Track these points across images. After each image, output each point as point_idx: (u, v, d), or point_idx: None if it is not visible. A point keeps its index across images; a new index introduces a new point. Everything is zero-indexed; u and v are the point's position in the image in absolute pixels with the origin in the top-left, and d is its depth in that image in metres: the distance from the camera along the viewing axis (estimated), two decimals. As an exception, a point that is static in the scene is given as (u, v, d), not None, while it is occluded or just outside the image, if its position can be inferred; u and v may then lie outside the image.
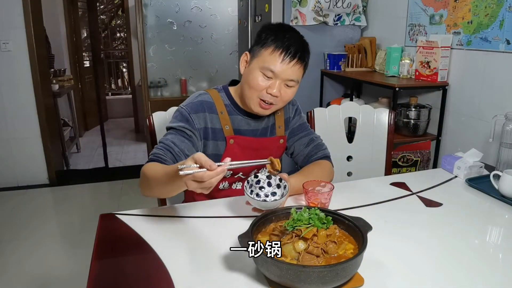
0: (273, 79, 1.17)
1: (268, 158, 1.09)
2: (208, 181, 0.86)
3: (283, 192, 1.12)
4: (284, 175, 1.14)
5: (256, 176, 1.15)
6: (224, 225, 1.07)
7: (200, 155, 0.86)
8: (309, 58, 1.22)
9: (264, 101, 1.19)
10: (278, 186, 1.14)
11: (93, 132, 5.43)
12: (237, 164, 0.97)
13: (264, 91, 1.17)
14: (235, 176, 1.31)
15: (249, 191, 1.11)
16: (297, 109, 1.40)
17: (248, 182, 1.12)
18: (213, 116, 1.24)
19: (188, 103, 1.24)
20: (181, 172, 0.85)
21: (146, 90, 3.94)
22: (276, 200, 1.09)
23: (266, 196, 1.14)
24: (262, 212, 1.05)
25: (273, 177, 1.14)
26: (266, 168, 1.12)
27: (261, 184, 1.15)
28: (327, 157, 1.38)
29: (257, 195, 1.13)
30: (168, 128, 1.22)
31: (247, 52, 1.24)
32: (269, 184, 1.15)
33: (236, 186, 1.33)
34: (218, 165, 0.86)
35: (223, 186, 1.31)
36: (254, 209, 1.10)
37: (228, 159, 0.91)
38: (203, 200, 1.27)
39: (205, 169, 0.85)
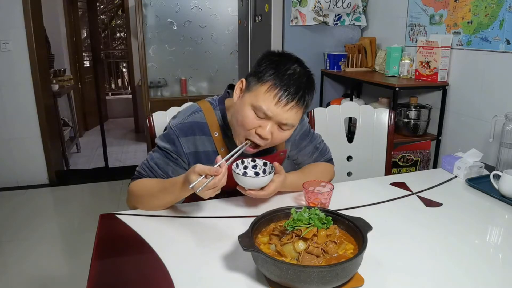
0: (265, 119, 1.04)
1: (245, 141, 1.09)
2: (220, 184, 0.95)
3: (266, 174, 1.11)
4: (275, 163, 1.12)
5: (253, 160, 1.14)
6: (224, 225, 1.07)
7: (200, 167, 0.94)
8: (313, 96, 1.08)
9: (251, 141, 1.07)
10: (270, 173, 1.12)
11: (93, 132, 5.43)
12: (229, 157, 1.03)
13: (253, 131, 1.05)
14: None
15: (242, 171, 1.12)
16: None
17: (243, 162, 1.12)
18: (205, 138, 1.16)
19: (178, 123, 1.16)
20: (198, 190, 0.93)
21: (146, 90, 3.94)
22: (252, 176, 1.09)
23: (257, 174, 1.13)
24: (245, 192, 1.09)
25: (268, 163, 1.14)
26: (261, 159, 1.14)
27: (257, 169, 1.15)
28: (330, 161, 1.39)
29: (245, 173, 1.12)
30: (156, 144, 1.19)
31: (243, 80, 1.10)
32: (264, 172, 1.14)
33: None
34: (217, 166, 0.95)
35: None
36: (239, 187, 1.09)
37: (219, 157, 0.98)
38: (202, 200, 1.27)
39: (213, 176, 0.93)
